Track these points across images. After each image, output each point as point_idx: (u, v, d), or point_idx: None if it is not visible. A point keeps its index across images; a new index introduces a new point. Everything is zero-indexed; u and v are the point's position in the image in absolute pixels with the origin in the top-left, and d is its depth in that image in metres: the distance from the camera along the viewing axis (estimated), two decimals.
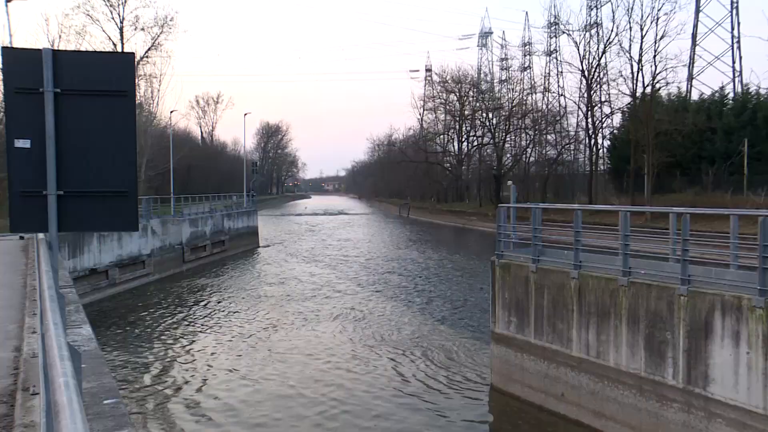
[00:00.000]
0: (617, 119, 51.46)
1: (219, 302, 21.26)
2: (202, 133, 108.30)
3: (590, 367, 9.96)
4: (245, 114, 53.60)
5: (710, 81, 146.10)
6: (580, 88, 49.76)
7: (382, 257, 33.80)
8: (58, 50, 4.24)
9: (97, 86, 4.36)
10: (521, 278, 11.50)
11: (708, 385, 8.16)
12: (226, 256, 35.40)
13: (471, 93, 68.47)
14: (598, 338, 9.82)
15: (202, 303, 21.23)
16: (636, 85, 41.05)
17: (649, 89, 40.15)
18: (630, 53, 42.02)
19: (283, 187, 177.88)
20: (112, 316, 19.04)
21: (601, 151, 51.32)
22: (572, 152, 60.66)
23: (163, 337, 16.33)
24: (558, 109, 62.48)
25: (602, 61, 47.27)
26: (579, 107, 52.08)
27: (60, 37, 37.34)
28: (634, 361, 9.22)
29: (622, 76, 53.82)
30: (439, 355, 14.18)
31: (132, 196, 4.41)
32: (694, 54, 51.34)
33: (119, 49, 37.82)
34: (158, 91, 46.09)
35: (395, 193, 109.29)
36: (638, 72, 40.64)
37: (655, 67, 39.54)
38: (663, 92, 42.75)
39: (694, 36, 51.51)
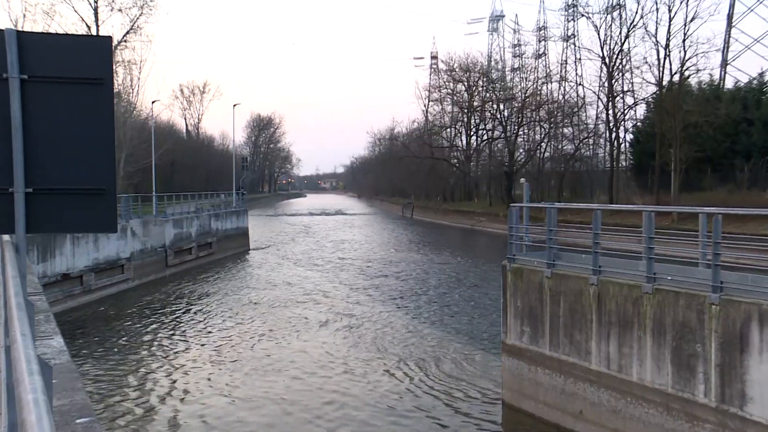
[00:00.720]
0: (641, 110, 51.50)
1: (205, 310, 21.24)
2: (187, 125, 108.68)
3: (611, 382, 9.92)
4: (234, 105, 53.85)
5: (747, 67, 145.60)
6: (600, 76, 49.80)
7: (383, 261, 33.78)
8: (24, 31, 4.18)
9: (70, 73, 4.31)
10: (535, 284, 11.47)
11: (745, 405, 8.10)
12: (213, 259, 35.41)
13: (480, 82, 68.51)
14: (619, 350, 9.78)
15: (187, 311, 21.21)
16: (662, 73, 40.89)
17: (677, 77, 39.82)
18: (656, 37, 41.89)
19: (275, 184, 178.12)
20: (86, 326, 19.03)
21: (622, 145, 51.28)
22: (591, 147, 60.70)
23: (142, 349, 16.31)
24: (576, 99, 62.51)
25: (625, 46, 47.23)
26: (599, 98, 52.13)
27: (24, 16, 37.21)
28: (660, 376, 9.17)
29: (647, 62, 53.94)
30: (445, 369, 14.17)
31: (110, 194, 4.36)
32: (729, 37, 50.82)
33: (94, 32, 37.56)
34: (138, 79, 46.01)
35: (398, 191, 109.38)
36: (665, 58, 40.44)
37: (685, 52, 39.14)
38: (693, 80, 42.48)
39: (729, 17, 51.04)
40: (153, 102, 44.97)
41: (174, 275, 29.65)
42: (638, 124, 49.93)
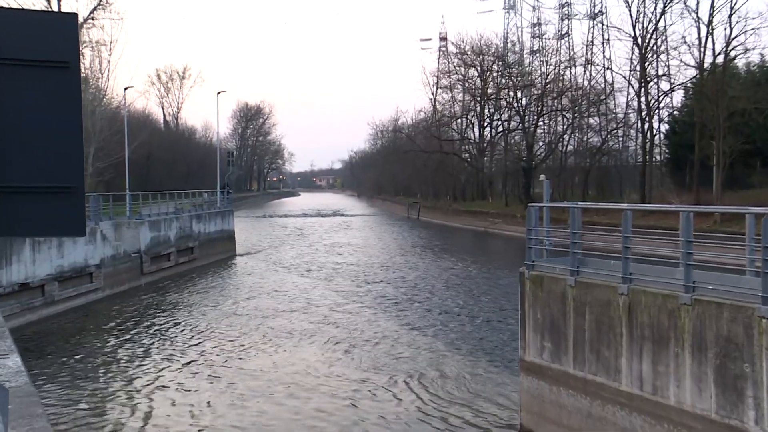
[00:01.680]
0: (678, 97, 51.25)
1: (184, 324, 21.24)
2: (164, 115, 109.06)
3: (645, 405, 9.86)
4: (218, 92, 53.84)
5: None
6: (631, 59, 49.62)
7: (385, 268, 33.78)
8: None
9: (29, 55, 4.26)
10: (557, 294, 11.45)
11: None
12: (195, 266, 35.43)
13: (495, 67, 68.54)
14: (654, 369, 9.72)
15: (164, 325, 21.21)
16: (704, 54, 40.26)
17: (721, 58, 39.09)
18: (697, 13, 41.43)
19: (265, 182, 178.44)
20: (48, 343, 19.01)
21: (657, 137, 51.02)
22: (621, 139, 60.60)
23: (112, 369, 16.29)
24: (603, 85, 62.36)
25: (660, 24, 47.00)
26: (630, 83, 51.88)
27: None
28: (701, 399, 9.09)
29: (686, 42, 53.63)
30: (454, 389, 14.14)
31: (77, 193, 4.30)
32: None
33: (56, 8, 37.27)
34: (108, 62, 46.06)
35: (402, 189, 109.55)
36: (707, 37, 39.73)
37: (731, 29, 37.91)
38: (740, 61, 41.96)
39: None
40: (126, 89, 44.96)
41: (150, 284, 29.65)
42: (675, 112, 49.78)
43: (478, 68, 68.98)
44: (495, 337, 18.66)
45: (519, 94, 63.36)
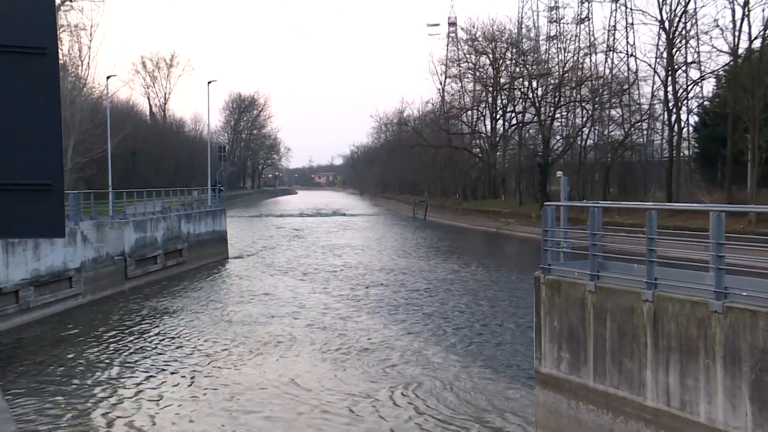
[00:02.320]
0: (709, 87, 51.03)
1: (171, 333, 21.26)
2: (150, 106, 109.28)
3: (672, 421, 9.82)
4: (209, 82, 53.91)
5: None
6: (657, 45, 49.54)
7: (390, 272, 33.81)
8: None
9: (2, 40, 4.24)
10: (575, 300, 11.43)
11: None
12: (184, 270, 35.48)
13: (509, 54, 68.53)
14: (681, 383, 9.68)
15: (149, 334, 21.23)
16: (738, 38, 39.86)
17: (757, 43, 38.62)
18: None
19: (260, 179, 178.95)
20: (22, 354, 19.02)
21: (685, 130, 50.92)
22: (645, 132, 60.40)
23: (91, 383, 16.28)
24: (626, 74, 62.21)
25: (690, 6, 46.78)
26: (655, 71, 51.86)
27: None
28: (735, 416, 9.04)
29: (718, 26, 53.28)
30: (464, 403, 14.12)
31: (56, 191, 4.29)
32: None
33: None
34: (89, 48, 46.09)
35: (408, 187, 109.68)
36: (743, 19, 39.21)
37: None
38: None
39: None
40: (108, 77, 45.05)
41: (135, 289, 29.70)
42: (705, 103, 49.53)
43: (490, 56, 68.97)
44: (508, 347, 18.63)
45: (534, 84, 63.34)
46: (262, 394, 14.91)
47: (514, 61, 67.84)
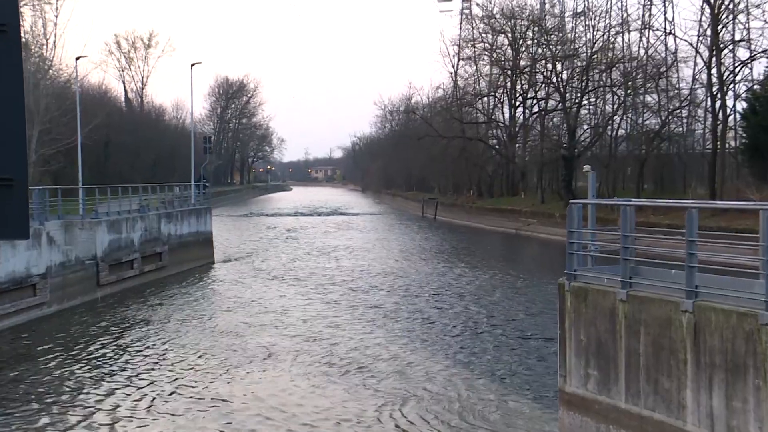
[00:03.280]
0: (760, 68, 50.64)
1: (147, 347, 21.26)
2: (126, 91, 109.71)
3: None
4: (192, 64, 53.70)
5: None
6: (700, 21, 49.07)
7: (395, 278, 33.82)
8: None
9: None
10: (605, 310, 11.42)
11: None
12: (163, 276, 35.48)
13: (530, 33, 68.37)
14: (727, 405, 9.62)
15: (121, 348, 21.22)
16: None
17: None
18: None
19: (250, 174, 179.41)
20: None
21: (731, 117, 50.58)
22: (685, 121, 60.14)
23: (54, 403, 16.24)
24: (664, 55, 62.01)
25: None
26: (698, 51, 51.45)
27: None
28: None
29: None
30: (478, 426, 14.03)
31: (20, 187, 4.24)
32: None
33: None
34: (55, 25, 45.97)
35: (416, 183, 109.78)
36: None
37: None
38: None
39: None
40: (77, 58, 44.80)
41: (109, 297, 29.70)
42: (756, 87, 49.11)
43: (509, 35, 68.85)
44: (528, 363, 18.60)
45: (559, 67, 63.12)
46: (243, 415, 14.86)
47: (536, 41, 67.67)
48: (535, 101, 70.68)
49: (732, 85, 48.13)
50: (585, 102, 63.14)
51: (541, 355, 19.12)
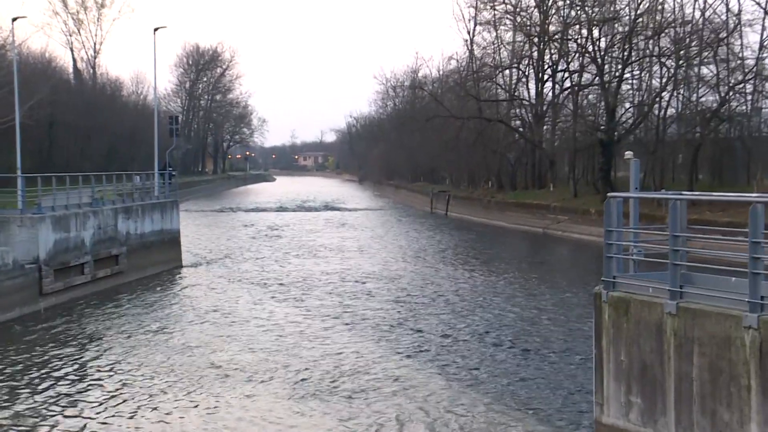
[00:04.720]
0: None
1: (99, 369, 21.31)
2: (75, 61, 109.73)
3: None
4: (155, 29, 53.51)
5: None
6: None
7: (398, 285, 33.90)
8: None
9: None
10: (650, 325, 11.46)
11: None
12: (121, 282, 35.48)
13: None
14: None
15: (68, 371, 21.25)
16: None
17: None
18: None
19: (224, 161, 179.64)
20: None
21: None
22: (750, 98, 59.93)
23: None
24: (725, 17, 61.74)
25: None
26: (766, 12, 51.30)
27: None
28: None
29: None
30: None
31: None
32: None
33: None
34: None
35: (424, 172, 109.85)
36: None
37: None
38: None
39: None
40: (14, 20, 44.79)
41: (53, 309, 29.68)
42: None
43: None
44: (558, 388, 18.60)
45: (596, 33, 63.13)
46: None
47: (568, 2, 67.66)
48: (567, 75, 70.62)
49: None
50: (627, 75, 63.12)
51: (575, 378, 19.15)
